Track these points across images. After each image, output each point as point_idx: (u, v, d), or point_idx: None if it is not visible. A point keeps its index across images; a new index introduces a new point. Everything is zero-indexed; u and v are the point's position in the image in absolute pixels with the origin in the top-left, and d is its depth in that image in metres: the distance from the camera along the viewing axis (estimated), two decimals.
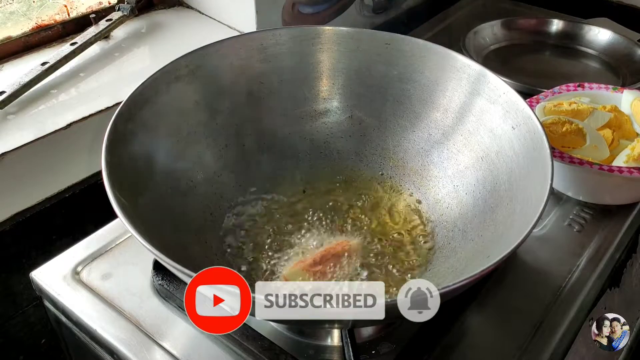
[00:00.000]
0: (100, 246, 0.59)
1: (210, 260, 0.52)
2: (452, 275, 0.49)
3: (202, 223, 0.54)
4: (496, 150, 0.54)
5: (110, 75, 0.74)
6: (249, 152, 0.60)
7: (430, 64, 0.59)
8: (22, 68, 0.71)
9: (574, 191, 0.66)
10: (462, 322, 0.53)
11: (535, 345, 0.52)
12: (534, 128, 0.50)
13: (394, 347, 0.50)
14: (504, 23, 1.01)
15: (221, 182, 0.58)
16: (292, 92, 0.62)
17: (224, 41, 0.59)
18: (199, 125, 0.57)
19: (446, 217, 0.56)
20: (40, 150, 0.63)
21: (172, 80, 0.55)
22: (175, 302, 0.53)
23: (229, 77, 0.59)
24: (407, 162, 0.61)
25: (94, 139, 0.67)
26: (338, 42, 0.61)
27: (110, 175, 0.44)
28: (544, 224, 0.64)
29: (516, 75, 0.82)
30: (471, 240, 0.51)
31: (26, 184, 0.64)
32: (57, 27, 0.79)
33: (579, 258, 0.60)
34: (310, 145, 0.63)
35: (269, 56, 0.60)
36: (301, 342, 0.51)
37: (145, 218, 0.46)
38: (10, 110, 0.65)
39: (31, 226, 0.65)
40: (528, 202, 0.46)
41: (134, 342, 0.51)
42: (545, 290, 0.57)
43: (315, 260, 0.51)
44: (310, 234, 0.55)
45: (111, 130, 0.47)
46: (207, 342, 0.51)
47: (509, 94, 0.53)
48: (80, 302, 0.54)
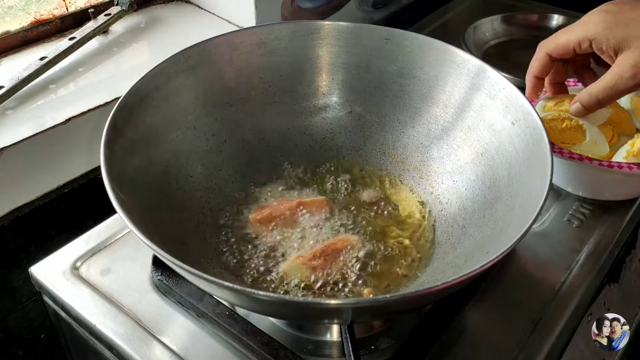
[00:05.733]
0: (99, 241, 0.59)
1: (209, 255, 0.52)
2: (452, 271, 0.49)
3: (201, 218, 0.54)
4: (496, 146, 0.54)
5: (109, 70, 0.74)
6: (248, 148, 0.60)
7: (430, 59, 0.59)
8: (20, 63, 0.71)
9: (574, 187, 0.66)
10: (461, 317, 0.53)
11: (534, 340, 0.52)
12: (533, 123, 0.50)
13: (393, 343, 0.50)
14: (504, 18, 1.01)
15: (220, 177, 0.58)
16: (291, 88, 0.62)
17: (223, 36, 0.58)
18: (198, 120, 0.57)
19: (445, 212, 0.56)
20: (39, 145, 0.62)
21: (171, 75, 0.55)
22: (175, 297, 0.53)
23: (228, 72, 0.59)
24: (406, 157, 0.61)
25: (92, 134, 0.66)
26: (337, 37, 0.61)
27: (109, 170, 0.44)
28: (544, 220, 0.64)
29: (516, 71, 0.81)
30: (470, 236, 0.51)
31: (25, 179, 0.64)
32: (55, 22, 0.78)
33: (578, 254, 0.60)
34: (309, 141, 0.63)
35: (268, 51, 0.60)
36: (300, 338, 0.51)
37: (144, 213, 0.45)
38: (9, 105, 0.65)
39: (30, 221, 0.65)
40: (527, 197, 0.46)
41: (133, 337, 0.51)
42: (544, 285, 0.57)
43: (315, 255, 0.51)
44: (309, 230, 0.55)
45: (110, 125, 0.47)
46: (206, 337, 0.51)
47: (508, 90, 0.53)
48: (79, 297, 0.54)
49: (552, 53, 0.59)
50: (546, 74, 0.61)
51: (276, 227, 0.55)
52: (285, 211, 0.56)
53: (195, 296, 0.52)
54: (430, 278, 0.50)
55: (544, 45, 0.60)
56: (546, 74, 0.61)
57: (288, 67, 0.61)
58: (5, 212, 0.63)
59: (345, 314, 0.41)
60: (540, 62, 0.60)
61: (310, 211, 0.56)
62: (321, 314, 0.42)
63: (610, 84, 0.54)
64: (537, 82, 0.61)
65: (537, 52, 0.60)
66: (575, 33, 0.57)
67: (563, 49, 0.58)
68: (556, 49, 0.58)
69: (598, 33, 0.55)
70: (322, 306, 0.39)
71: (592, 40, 0.55)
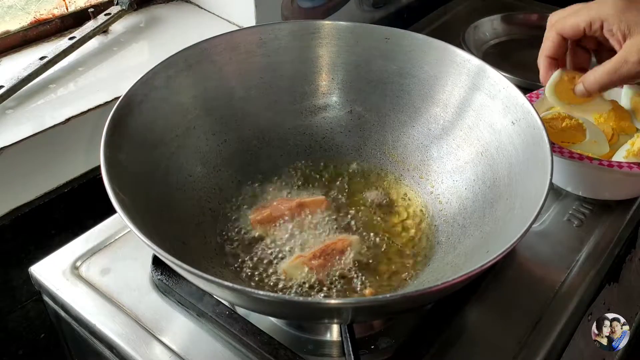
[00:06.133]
0: (99, 241, 0.59)
1: (209, 254, 0.52)
2: (452, 271, 0.49)
3: (201, 218, 0.54)
4: (496, 145, 0.54)
5: (108, 70, 0.74)
6: (248, 147, 0.60)
7: (430, 58, 0.59)
8: (20, 62, 0.71)
9: (574, 186, 0.66)
10: (461, 317, 0.53)
11: (534, 340, 0.52)
12: (533, 123, 0.50)
13: (393, 342, 0.50)
14: (504, 18, 1.01)
15: (220, 176, 0.58)
16: (291, 87, 0.62)
17: (223, 36, 0.58)
18: (198, 119, 0.57)
19: (445, 212, 0.56)
20: (38, 145, 0.62)
21: (171, 74, 0.55)
22: (175, 297, 0.53)
23: (228, 72, 0.59)
24: (406, 157, 0.61)
25: (92, 134, 0.66)
26: (337, 37, 0.61)
27: (108, 170, 0.44)
28: (543, 219, 0.64)
29: (516, 70, 0.81)
30: (470, 236, 0.51)
31: (25, 178, 0.64)
32: (55, 22, 0.78)
33: (578, 253, 0.60)
34: (309, 140, 0.63)
35: (268, 51, 0.60)
36: (300, 337, 0.51)
37: (144, 213, 0.45)
38: (9, 104, 0.65)
39: (30, 221, 0.65)
40: (527, 197, 0.46)
41: (133, 337, 0.51)
42: (544, 285, 0.57)
43: (315, 255, 0.51)
44: (309, 229, 0.55)
45: (110, 124, 0.47)
46: (206, 337, 0.51)
47: (508, 89, 0.53)
48: (79, 297, 0.54)
49: (562, 32, 0.58)
50: (560, 54, 0.60)
51: (276, 227, 0.55)
52: (285, 211, 0.56)
53: (195, 296, 0.52)
54: (430, 277, 0.50)
55: (554, 25, 0.58)
56: (560, 54, 0.60)
57: (288, 66, 0.61)
58: (5, 212, 0.63)
59: (345, 314, 0.41)
60: (552, 41, 0.59)
61: (310, 211, 0.56)
62: (321, 314, 0.42)
63: (615, 67, 0.54)
64: (551, 62, 0.60)
65: (548, 32, 0.59)
66: (587, 13, 0.56)
67: (573, 30, 0.57)
68: (566, 29, 0.57)
69: (610, 14, 0.54)
70: (322, 306, 0.39)
71: (604, 21, 0.54)
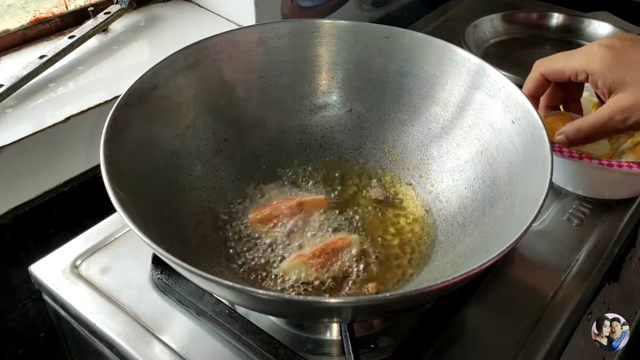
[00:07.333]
0: (99, 240, 0.59)
1: (208, 254, 0.52)
2: (452, 270, 0.49)
3: (201, 217, 0.54)
4: (496, 145, 0.54)
5: (108, 69, 0.74)
6: (248, 146, 0.60)
7: (430, 57, 0.59)
8: (20, 61, 0.71)
9: (574, 186, 0.66)
10: (461, 316, 0.53)
11: (534, 339, 0.52)
12: (533, 122, 0.50)
13: (393, 341, 0.50)
14: (504, 16, 1.01)
15: (220, 175, 0.58)
16: (291, 86, 0.62)
17: (223, 34, 0.58)
18: (198, 118, 0.57)
19: (445, 211, 0.56)
20: (38, 143, 0.62)
21: (170, 73, 0.55)
22: (175, 296, 0.53)
23: (227, 71, 0.59)
24: (406, 156, 0.61)
25: (92, 133, 0.66)
26: (337, 36, 0.61)
27: (108, 168, 0.44)
28: (543, 219, 0.64)
29: (516, 69, 0.81)
30: (470, 235, 0.51)
31: (24, 177, 0.64)
32: (55, 20, 0.78)
33: (578, 252, 0.60)
34: (309, 139, 0.63)
35: (268, 50, 0.60)
36: (300, 336, 0.51)
37: (144, 212, 0.45)
38: (9, 103, 0.65)
39: (30, 220, 0.65)
40: (527, 196, 0.46)
41: (133, 336, 0.51)
42: (544, 284, 0.57)
43: (315, 254, 0.51)
44: (309, 228, 0.55)
45: (109, 123, 0.47)
46: (206, 336, 0.51)
47: (508, 88, 0.53)
48: (79, 296, 0.54)
49: (547, 75, 0.59)
50: (540, 93, 0.61)
51: (276, 226, 0.55)
52: (285, 210, 0.56)
53: (195, 295, 0.52)
54: (430, 277, 0.50)
55: (540, 66, 0.59)
56: (540, 93, 0.61)
57: (288, 65, 0.61)
58: (5, 211, 0.63)
59: (345, 313, 0.41)
60: (535, 82, 0.60)
61: (310, 210, 0.56)
62: (321, 313, 0.42)
63: (600, 122, 0.54)
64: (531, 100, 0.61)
65: (533, 72, 0.60)
66: (573, 62, 0.56)
67: (558, 74, 0.58)
68: (551, 73, 0.58)
69: (597, 69, 0.54)
70: (321, 305, 0.39)
71: (589, 75, 0.55)
